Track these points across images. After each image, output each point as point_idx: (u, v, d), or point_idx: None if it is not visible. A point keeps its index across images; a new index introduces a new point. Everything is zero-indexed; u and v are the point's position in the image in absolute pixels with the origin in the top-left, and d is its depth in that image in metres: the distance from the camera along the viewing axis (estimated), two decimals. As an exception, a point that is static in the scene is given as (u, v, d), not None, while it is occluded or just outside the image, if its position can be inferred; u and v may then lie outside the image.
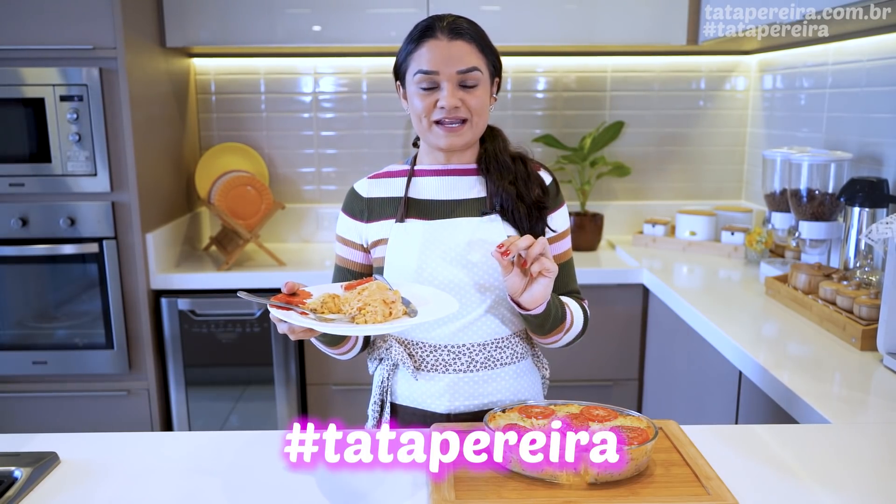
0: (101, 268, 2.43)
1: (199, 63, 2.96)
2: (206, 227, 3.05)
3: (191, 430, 2.60)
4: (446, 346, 1.31)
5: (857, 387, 1.51)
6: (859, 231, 1.97)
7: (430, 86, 1.27)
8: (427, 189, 1.35)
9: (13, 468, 1.08)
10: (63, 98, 2.32)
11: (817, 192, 2.16)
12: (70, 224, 2.39)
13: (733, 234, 2.69)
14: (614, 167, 2.91)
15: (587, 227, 2.83)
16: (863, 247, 1.97)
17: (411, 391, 1.34)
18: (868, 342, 1.66)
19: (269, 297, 1.14)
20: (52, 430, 1.39)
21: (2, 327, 2.49)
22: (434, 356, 1.31)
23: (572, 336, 1.35)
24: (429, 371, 1.32)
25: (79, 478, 1.11)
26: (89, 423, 2.52)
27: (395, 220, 1.33)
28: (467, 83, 1.27)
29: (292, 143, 3.02)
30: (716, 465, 1.07)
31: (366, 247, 1.37)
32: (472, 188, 1.35)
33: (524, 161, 1.36)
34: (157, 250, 2.47)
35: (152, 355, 2.49)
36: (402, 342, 1.34)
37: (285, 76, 2.97)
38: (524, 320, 1.29)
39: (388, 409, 1.36)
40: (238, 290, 1.23)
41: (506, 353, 1.33)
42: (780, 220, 2.40)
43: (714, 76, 3.01)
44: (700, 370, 2.05)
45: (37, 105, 2.33)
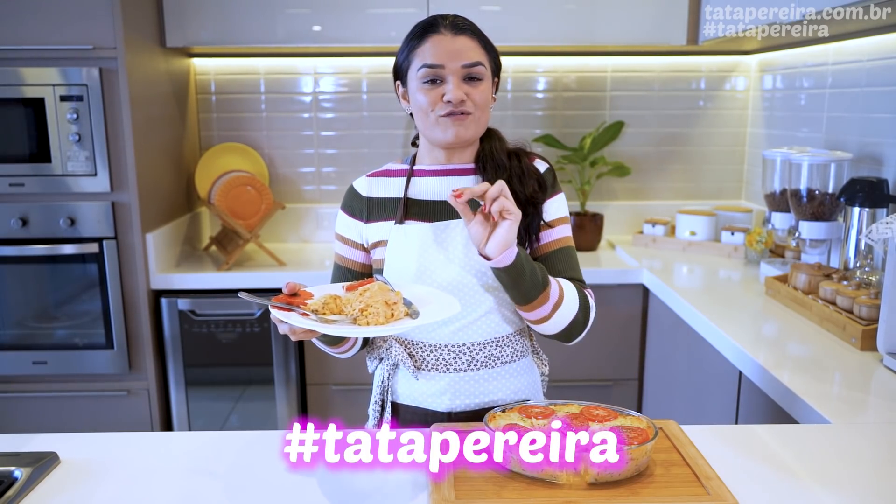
0: (101, 268, 2.43)
1: (199, 63, 2.96)
2: (206, 227, 3.05)
3: (191, 430, 2.60)
4: (447, 346, 1.31)
5: (857, 387, 1.51)
6: (859, 231, 1.97)
7: (435, 80, 1.25)
8: (426, 189, 1.34)
9: (13, 468, 1.08)
10: (63, 98, 2.32)
11: (817, 192, 2.16)
12: (70, 224, 2.39)
13: (733, 234, 2.69)
14: (614, 167, 2.91)
15: (587, 227, 2.83)
16: (863, 247, 1.97)
17: (412, 390, 1.34)
18: (868, 342, 1.66)
19: (269, 298, 1.13)
20: (52, 430, 1.39)
21: (2, 327, 2.49)
22: (434, 356, 1.31)
23: (566, 316, 1.27)
24: (429, 371, 1.32)
25: (79, 478, 1.11)
26: (89, 423, 2.52)
27: (394, 221, 1.33)
28: (472, 76, 1.26)
29: (292, 143, 3.02)
30: (716, 465, 1.07)
31: (366, 247, 1.37)
32: None
33: (519, 157, 1.35)
34: (157, 250, 2.47)
35: (152, 355, 2.49)
36: (402, 342, 1.34)
37: (285, 76, 2.97)
38: (502, 285, 1.23)
39: (388, 408, 1.36)
40: (239, 291, 1.23)
41: (506, 351, 1.33)
42: (780, 220, 2.40)
43: (714, 76, 3.01)
44: (700, 370, 2.05)
45: (37, 105, 2.33)
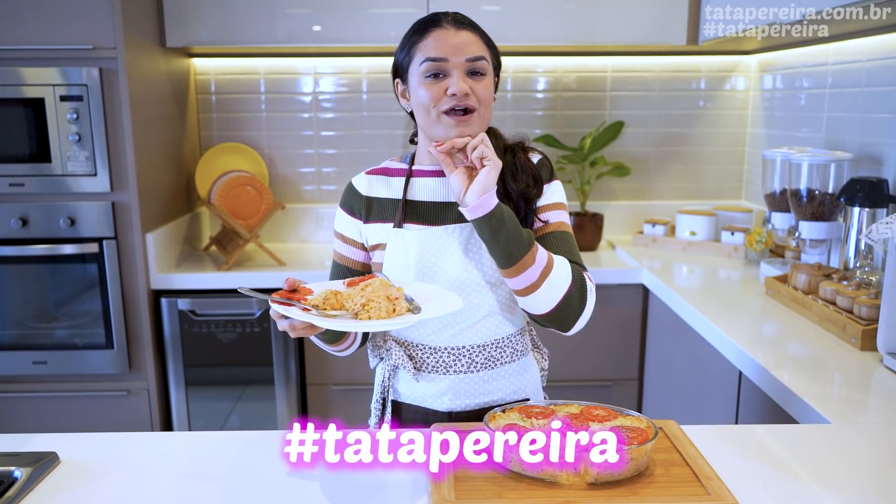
0: (101, 268, 2.43)
1: (199, 63, 2.96)
2: (206, 227, 3.05)
3: (191, 430, 2.60)
4: (446, 349, 1.30)
5: (856, 387, 1.51)
6: (859, 231, 1.97)
7: (438, 74, 1.23)
8: (426, 191, 1.33)
9: (13, 468, 1.08)
10: (63, 98, 2.32)
11: (817, 192, 2.16)
12: (70, 224, 2.39)
13: (733, 234, 2.69)
14: (614, 167, 2.91)
15: (587, 227, 2.83)
16: (863, 247, 1.97)
17: (412, 391, 1.34)
18: (868, 342, 1.66)
19: (270, 295, 1.13)
20: (52, 430, 1.39)
21: (2, 327, 2.49)
22: (434, 358, 1.31)
23: (557, 288, 1.22)
24: (429, 372, 1.32)
25: (79, 478, 1.11)
26: (89, 423, 2.52)
27: (392, 224, 1.32)
28: (476, 71, 1.24)
29: (292, 143, 3.02)
30: (716, 465, 1.07)
31: (367, 246, 1.36)
32: None
33: (515, 152, 1.32)
34: (157, 250, 2.47)
35: (152, 355, 2.49)
36: (402, 343, 1.34)
37: (285, 76, 2.97)
38: (484, 242, 1.19)
39: (389, 406, 1.36)
40: (239, 288, 1.22)
41: (506, 352, 1.33)
42: (780, 220, 2.40)
43: (714, 76, 3.01)
44: (700, 370, 2.05)
45: (37, 105, 2.33)
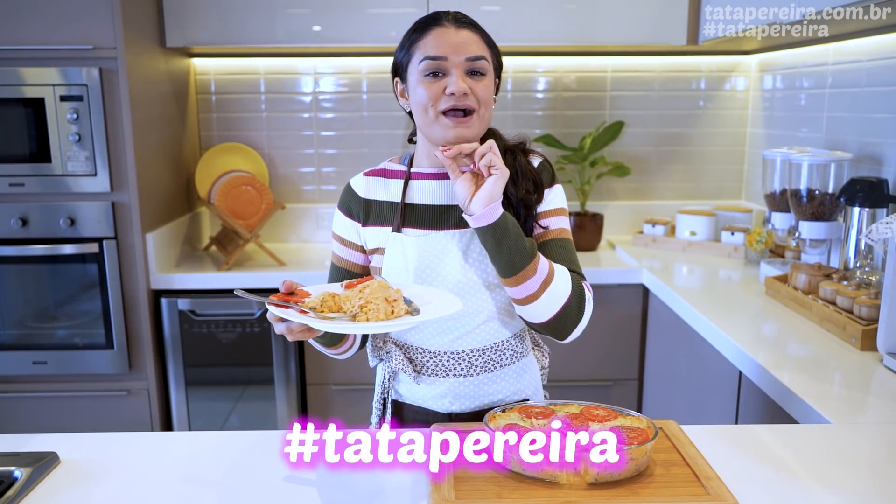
0: (101, 268, 2.43)
1: (199, 63, 2.96)
2: (206, 227, 3.05)
3: (191, 430, 2.60)
4: (446, 353, 1.30)
5: (856, 387, 1.51)
6: (859, 231, 1.97)
7: (437, 72, 1.21)
8: (425, 194, 1.31)
9: (13, 468, 1.08)
10: (63, 98, 2.32)
11: (817, 192, 2.16)
12: (70, 224, 2.39)
13: (733, 234, 2.69)
14: (614, 167, 2.91)
15: (587, 227, 2.83)
16: (863, 247, 1.97)
17: (413, 392, 1.34)
18: (868, 342, 1.66)
19: (267, 297, 1.11)
20: (52, 430, 1.39)
21: (2, 327, 2.49)
22: (434, 361, 1.31)
23: (557, 298, 1.20)
24: (429, 375, 1.31)
25: (79, 478, 1.11)
26: (89, 423, 2.52)
27: (391, 228, 1.30)
28: (475, 71, 1.22)
29: (292, 143, 3.02)
30: (716, 465, 1.07)
31: (366, 249, 1.35)
32: None
33: (515, 155, 1.30)
34: (157, 250, 2.47)
35: (152, 355, 2.49)
36: (402, 346, 1.33)
37: (285, 76, 2.97)
38: (487, 251, 1.18)
39: (389, 406, 1.36)
40: (234, 290, 1.21)
41: (505, 355, 1.33)
42: (780, 220, 2.40)
43: (714, 76, 3.01)
44: (700, 370, 2.05)
45: (37, 105, 2.33)
